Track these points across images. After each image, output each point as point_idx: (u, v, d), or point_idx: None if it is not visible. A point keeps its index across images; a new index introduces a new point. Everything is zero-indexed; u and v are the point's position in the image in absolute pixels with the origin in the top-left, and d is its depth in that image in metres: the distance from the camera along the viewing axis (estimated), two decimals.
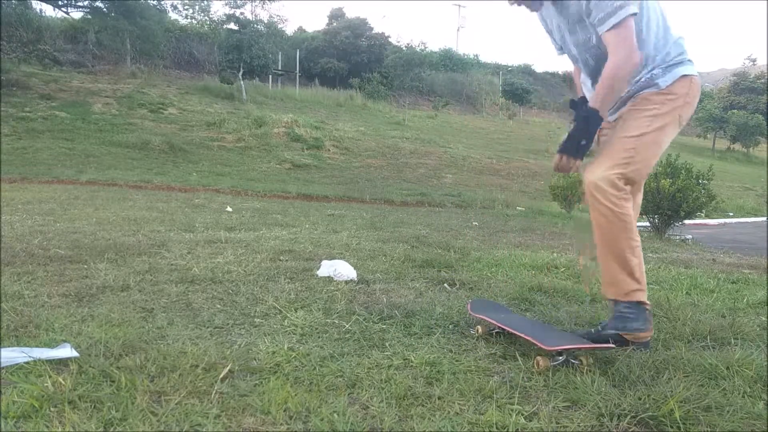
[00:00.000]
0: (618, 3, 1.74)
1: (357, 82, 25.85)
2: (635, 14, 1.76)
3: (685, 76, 1.89)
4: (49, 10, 20.84)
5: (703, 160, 16.43)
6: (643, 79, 1.91)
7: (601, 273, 1.96)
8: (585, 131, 1.85)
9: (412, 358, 1.76)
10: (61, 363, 1.57)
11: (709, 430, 1.38)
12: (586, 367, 1.74)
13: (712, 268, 4.07)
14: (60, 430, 1.23)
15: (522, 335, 1.85)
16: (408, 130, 19.81)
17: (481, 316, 2.09)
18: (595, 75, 1.98)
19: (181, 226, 4.78)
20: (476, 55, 34.71)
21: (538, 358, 1.74)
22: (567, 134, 1.87)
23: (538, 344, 1.75)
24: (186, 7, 20.83)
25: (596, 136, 2.07)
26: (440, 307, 2.39)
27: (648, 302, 1.95)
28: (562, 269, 3.59)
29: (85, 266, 2.92)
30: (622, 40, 1.77)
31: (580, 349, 1.78)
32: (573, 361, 1.78)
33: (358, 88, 25.37)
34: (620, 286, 1.91)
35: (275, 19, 20.93)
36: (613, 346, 1.80)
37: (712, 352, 1.92)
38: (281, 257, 3.50)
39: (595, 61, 1.96)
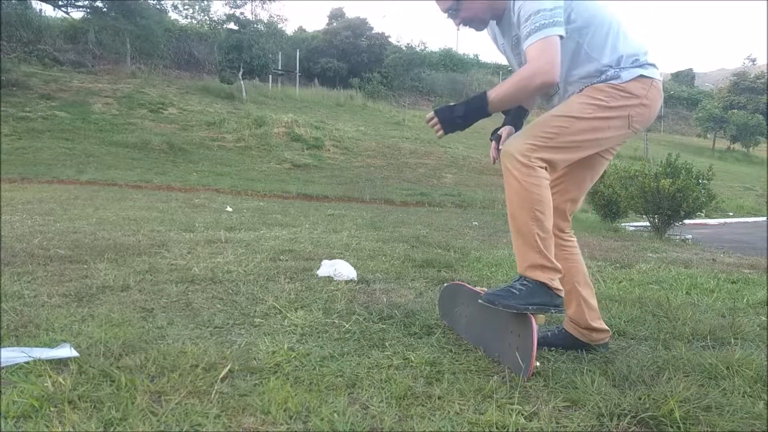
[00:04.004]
0: (543, 22, 1.63)
1: (357, 82, 25.85)
2: (561, 36, 1.65)
3: (644, 76, 1.75)
4: (49, 10, 20.85)
5: (703, 160, 16.43)
6: (603, 76, 1.77)
7: (514, 249, 1.83)
8: (464, 107, 1.73)
9: (412, 358, 1.76)
10: (61, 363, 1.57)
11: (709, 430, 1.38)
12: (586, 367, 1.74)
13: (712, 268, 4.07)
14: (60, 430, 1.23)
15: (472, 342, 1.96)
16: (408, 130, 19.80)
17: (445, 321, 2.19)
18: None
19: (181, 226, 4.78)
20: (476, 55, 34.65)
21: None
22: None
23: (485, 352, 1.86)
24: (186, 7, 20.83)
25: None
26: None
27: (559, 287, 1.76)
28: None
29: (85, 266, 2.92)
30: (545, 51, 1.63)
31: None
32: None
33: (358, 88, 25.37)
34: (524, 258, 1.76)
35: (275, 19, 20.93)
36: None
37: (712, 352, 1.92)
38: (281, 257, 3.50)
39: None
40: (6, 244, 3.36)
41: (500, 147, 1.99)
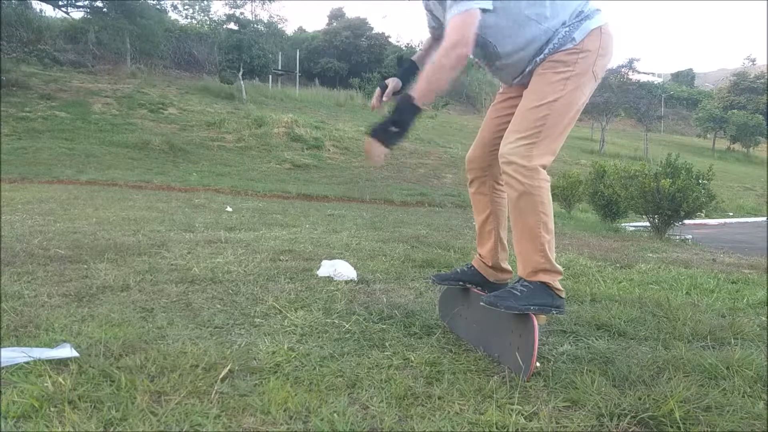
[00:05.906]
0: None
1: (357, 82, 25.86)
2: (485, 10, 1.66)
3: (593, 29, 1.75)
4: (49, 10, 20.87)
5: (703, 160, 16.44)
6: (555, 40, 1.76)
7: (516, 253, 1.85)
8: (396, 115, 1.72)
9: (412, 358, 1.76)
10: (61, 363, 1.57)
11: (709, 430, 1.38)
12: (586, 367, 1.74)
13: (712, 268, 4.07)
14: (60, 430, 1.23)
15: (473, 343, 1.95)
16: None
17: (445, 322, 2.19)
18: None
19: (181, 226, 4.78)
20: None
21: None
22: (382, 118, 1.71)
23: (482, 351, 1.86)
24: (186, 7, 20.90)
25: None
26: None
27: (559, 288, 1.81)
28: (562, 269, 3.58)
29: (85, 266, 2.92)
30: (460, 25, 1.65)
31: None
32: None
33: (358, 88, 25.38)
34: (527, 262, 1.80)
35: (275, 19, 20.96)
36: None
37: (712, 352, 1.92)
38: (281, 257, 3.50)
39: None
40: (6, 244, 3.36)
41: (384, 98, 2.07)
